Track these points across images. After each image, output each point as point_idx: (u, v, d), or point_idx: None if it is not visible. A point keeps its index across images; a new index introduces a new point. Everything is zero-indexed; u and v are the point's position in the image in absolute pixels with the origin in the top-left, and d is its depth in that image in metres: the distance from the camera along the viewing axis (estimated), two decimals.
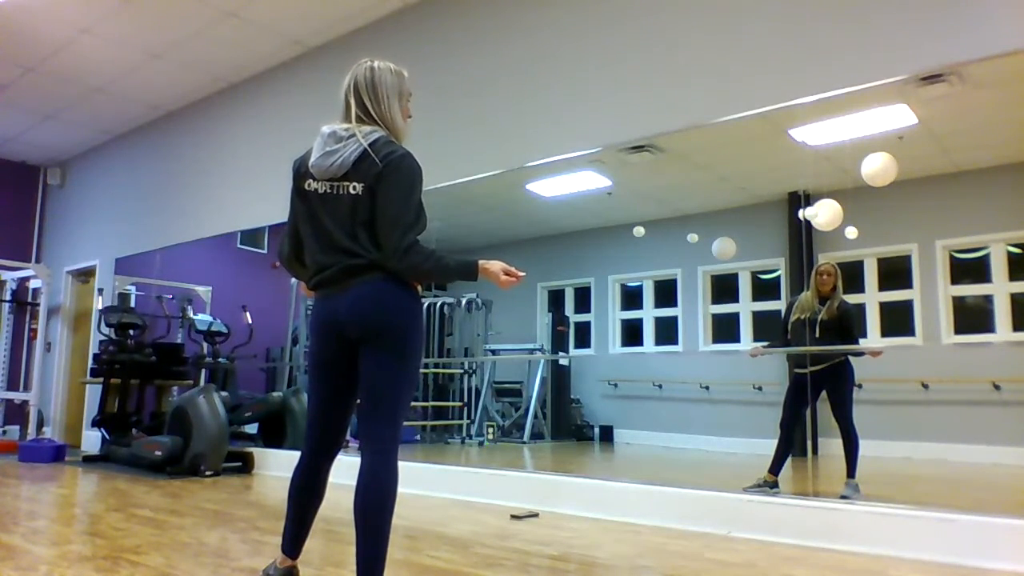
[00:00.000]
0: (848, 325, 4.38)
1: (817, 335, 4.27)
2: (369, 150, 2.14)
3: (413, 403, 8.30)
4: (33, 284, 8.55)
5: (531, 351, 8.00)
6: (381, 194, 2.12)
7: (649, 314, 7.37)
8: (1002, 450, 4.92)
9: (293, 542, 2.26)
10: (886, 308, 5.77)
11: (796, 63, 3.67)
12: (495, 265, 2.32)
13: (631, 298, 7.56)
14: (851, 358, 4.34)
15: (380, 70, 2.36)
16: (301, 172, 2.23)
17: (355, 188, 2.13)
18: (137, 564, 2.65)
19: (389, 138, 2.25)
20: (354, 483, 2.03)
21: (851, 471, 4.02)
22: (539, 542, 3.25)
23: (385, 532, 2.01)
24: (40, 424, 7.80)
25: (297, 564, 2.27)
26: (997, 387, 5.08)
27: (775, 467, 4.13)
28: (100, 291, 7.94)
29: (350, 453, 2.64)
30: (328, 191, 2.16)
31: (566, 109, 4.53)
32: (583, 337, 7.85)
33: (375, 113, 2.27)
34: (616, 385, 7.45)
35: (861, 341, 5.13)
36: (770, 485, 3.98)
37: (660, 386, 6.95)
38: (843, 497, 3.67)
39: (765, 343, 4.74)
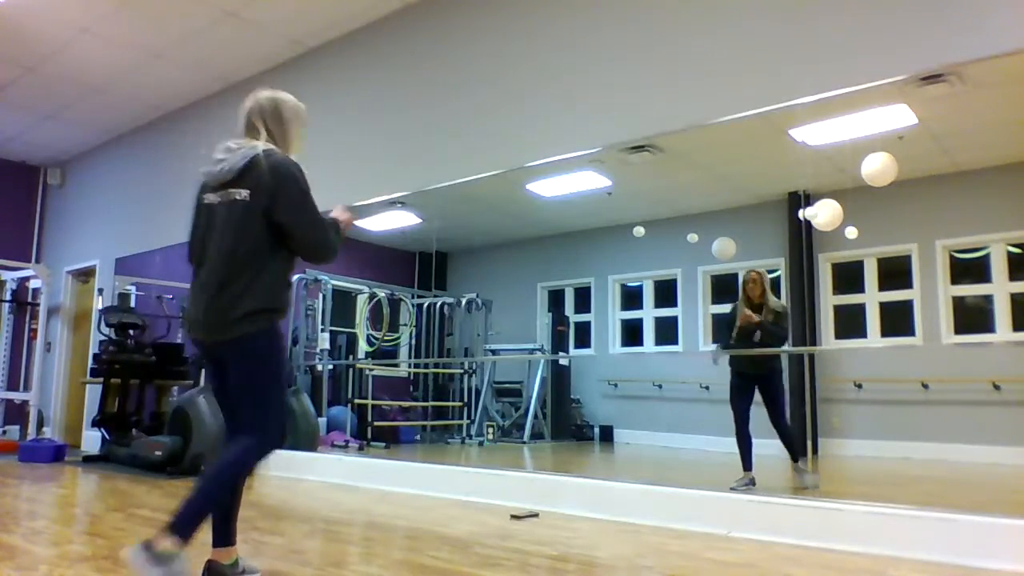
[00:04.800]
0: (777, 327, 4.57)
1: (757, 339, 4.47)
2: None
3: (413, 403, 8.31)
4: (33, 284, 8.55)
5: (531, 351, 8.01)
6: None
7: (649, 314, 7.38)
8: (1002, 450, 4.93)
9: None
10: (886, 308, 5.78)
11: (796, 63, 3.67)
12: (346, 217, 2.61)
13: (631, 298, 7.56)
14: (784, 360, 4.66)
15: (283, 99, 2.58)
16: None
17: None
18: None
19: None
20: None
21: (796, 455, 4.47)
22: (539, 542, 3.25)
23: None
24: (40, 424, 7.79)
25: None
26: (997, 387, 5.08)
27: (747, 463, 4.34)
28: (100, 291, 7.94)
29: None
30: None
31: (566, 109, 4.53)
32: (583, 337, 7.85)
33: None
34: (616, 385, 7.45)
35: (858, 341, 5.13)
36: (750, 481, 4.14)
37: (660, 386, 6.95)
38: (804, 484, 4.13)
39: (715, 346, 4.95)
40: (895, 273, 5.75)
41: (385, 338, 7.54)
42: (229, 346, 2.33)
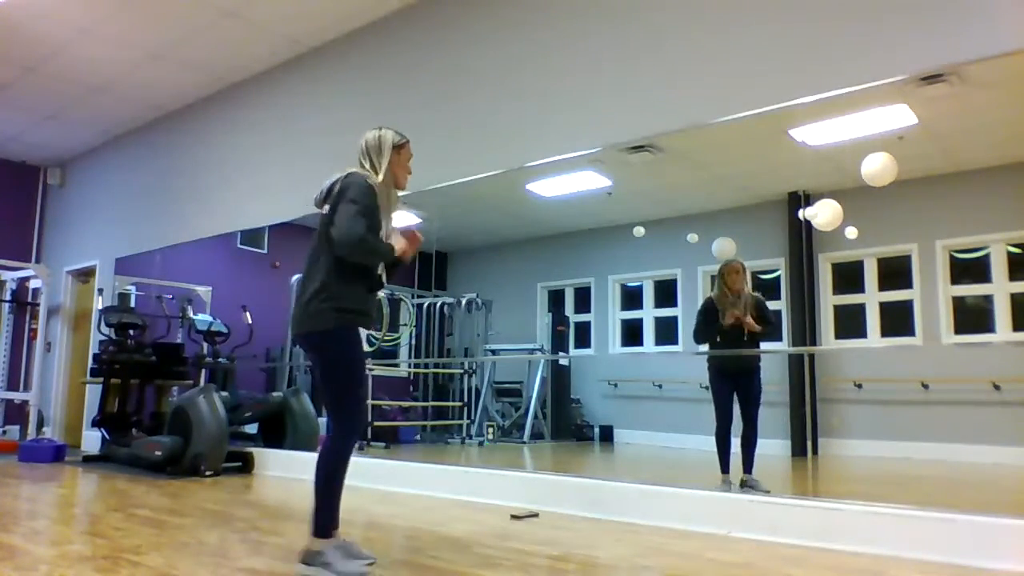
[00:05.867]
0: (767, 315, 4.51)
1: (745, 335, 4.40)
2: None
3: (413, 403, 8.31)
4: (33, 284, 8.55)
5: (531, 351, 8.01)
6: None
7: (649, 314, 7.37)
8: (1002, 450, 4.93)
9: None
10: (886, 308, 5.78)
11: (796, 63, 3.67)
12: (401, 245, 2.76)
13: (631, 298, 7.56)
14: (774, 359, 4.61)
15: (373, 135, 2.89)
16: None
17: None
18: (137, 564, 2.65)
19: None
20: (350, 483, 2.51)
21: (751, 467, 4.30)
22: (539, 542, 3.25)
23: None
24: (40, 424, 7.79)
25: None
26: (997, 387, 5.08)
27: (725, 466, 4.33)
28: (100, 291, 7.94)
29: (363, 454, 2.64)
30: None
31: (566, 109, 4.53)
32: (583, 337, 7.85)
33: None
34: (616, 385, 7.45)
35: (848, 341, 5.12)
36: (728, 484, 4.18)
37: (660, 386, 6.95)
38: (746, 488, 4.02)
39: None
40: (895, 273, 5.75)
41: (385, 338, 7.53)
42: (304, 340, 2.69)
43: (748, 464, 4.31)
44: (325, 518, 2.56)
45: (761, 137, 4.77)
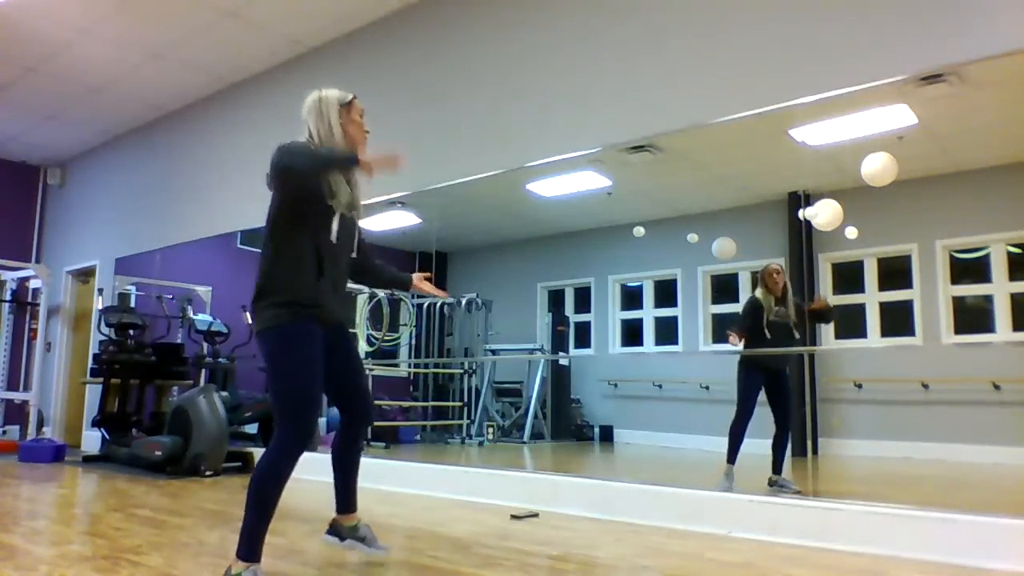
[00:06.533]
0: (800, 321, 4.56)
1: (794, 335, 4.48)
2: None
3: (413, 403, 8.31)
4: (33, 284, 8.55)
5: (531, 351, 8.00)
6: None
7: (649, 314, 7.37)
8: (1002, 450, 4.92)
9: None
10: (886, 308, 5.77)
11: (796, 63, 3.67)
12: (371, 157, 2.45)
13: (631, 298, 7.55)
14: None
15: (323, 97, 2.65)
16: None
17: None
18: (137, 564, 2.65)
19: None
20: (360, 484, 2.64)
21: (781, 467, 4.31)
22: (539, 542, 3.25)
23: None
24: (40, 424, 7.79)
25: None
26: (997, 387, 5.07)
27: (733, 457, 4.32)
28: (100, 291, 7.94)
29: (364, 454, 2.64)
30: None
31: (566, 109, 4.53)
32: (583, 337, 7.84)
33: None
34: (616, 385, 7.45)
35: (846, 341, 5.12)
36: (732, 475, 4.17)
37: (660, 386, 6.94)
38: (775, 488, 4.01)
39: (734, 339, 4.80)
40: (895, 273, 5.74)
41: (385, 338, 7.53)
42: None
43: (779, 465, 4.31)
44: (251, 540, 2.33)
45: (761, 137, 4.77)
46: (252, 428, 6.58)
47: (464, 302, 8.30)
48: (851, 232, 5.18)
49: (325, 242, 2.43)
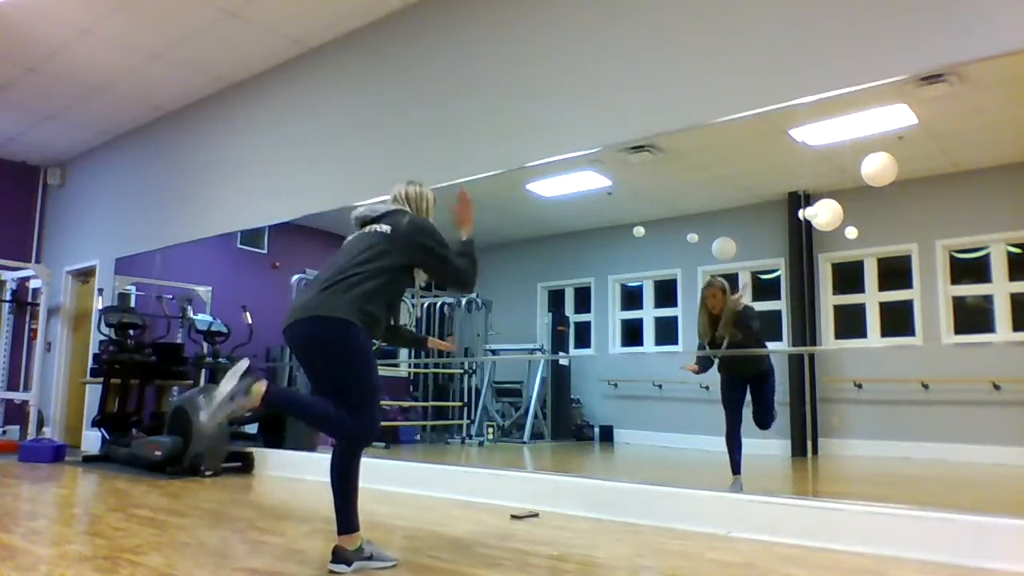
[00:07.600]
0: (746, 323, 4.54)
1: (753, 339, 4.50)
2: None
3: (413, 403, 8.31)
4: (33, 284, 8.55)
5: (531, 351, 8.00)
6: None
7: (649, 314, 7.37)
8: (1002, 450, 4.92)
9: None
10: (886, 308, 5.77)
11: (796, 63, 3.67)
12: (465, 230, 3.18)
13: (631, 298, 7.55)
14: (772, 359, 4.68)
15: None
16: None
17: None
18: (137, 564, 2.65)
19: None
20: (360, 483, 2.65)
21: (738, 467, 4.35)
22: (539, 542, 3.25)
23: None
24: (40, 424, 7.79)
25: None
26: (997, 387, 5.07)
27: (736, 467, 4.34)
28: (100, 291, 7.94)
29: (364, 454, 2.64)
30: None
31: (566, 109, 4.53)
32: (583, 337, 7.84)
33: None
34: (616, 385, 7.45)
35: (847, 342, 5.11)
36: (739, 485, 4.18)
37: (660, 386, 6.95)
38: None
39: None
40: (895, 273, 5.74)
41: None
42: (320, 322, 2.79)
43: (737, 465, 4.38)
44: (347, 515, 2.67)
45: (761, 137, 4.77)
46: (252, 428, 6.58)
47: (464, 302, 8.31)
48: (851, 232, 5.18)
49: (397, 301, 3.09)
